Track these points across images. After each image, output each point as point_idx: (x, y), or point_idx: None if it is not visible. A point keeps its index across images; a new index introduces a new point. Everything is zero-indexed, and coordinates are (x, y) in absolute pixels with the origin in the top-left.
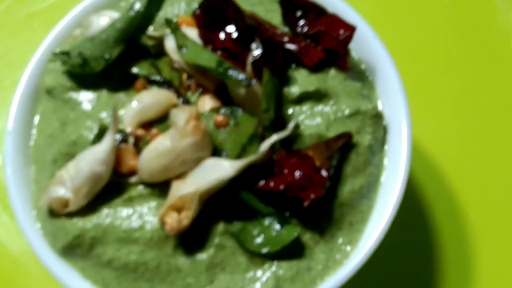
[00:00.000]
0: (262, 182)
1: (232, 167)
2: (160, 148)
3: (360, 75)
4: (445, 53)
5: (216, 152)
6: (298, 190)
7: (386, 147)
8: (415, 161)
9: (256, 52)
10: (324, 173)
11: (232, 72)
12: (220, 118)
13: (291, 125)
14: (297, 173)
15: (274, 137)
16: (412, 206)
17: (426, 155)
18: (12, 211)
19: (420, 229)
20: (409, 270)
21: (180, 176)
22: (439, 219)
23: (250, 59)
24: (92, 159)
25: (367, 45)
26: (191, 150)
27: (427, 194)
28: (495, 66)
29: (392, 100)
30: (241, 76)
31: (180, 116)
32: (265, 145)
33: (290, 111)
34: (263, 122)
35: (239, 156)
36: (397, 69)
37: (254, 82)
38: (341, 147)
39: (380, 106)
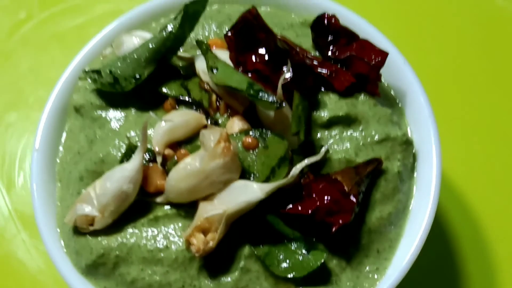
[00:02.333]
0: (290, 206)
1: (261, 190)
2: (189, 168)
3: (390, 101)
4: (475, 83)
5: (244, 174)
6: (326, 215)
7: (415, 174)
8: (442, 190)
9: (287, 75)
10: (353, 198)
11: (262, 94)
12: (249, 140)
13: (323, 150)
14: (326, 198)
15: (306, 161)
16: (439, 235)
17: (453, 184)
18: (31, 229)
19: (446, 259)
20: None
21: (208, 197)
22: (465, 249)
23: (281, 82)
24: (120, 177)
25: (397, 72)
26: (220, 171)
27: (454, 224)
28: None
29: (422, 127)
30: (271, 98)
31: (210, 137)
32: (296, 169)
33: (319, 135)
34: (292, 145)
35: (267, 178)
36: (427, 96)
37: (284, 104)
38: (370, 173)
39: (409, 133)
